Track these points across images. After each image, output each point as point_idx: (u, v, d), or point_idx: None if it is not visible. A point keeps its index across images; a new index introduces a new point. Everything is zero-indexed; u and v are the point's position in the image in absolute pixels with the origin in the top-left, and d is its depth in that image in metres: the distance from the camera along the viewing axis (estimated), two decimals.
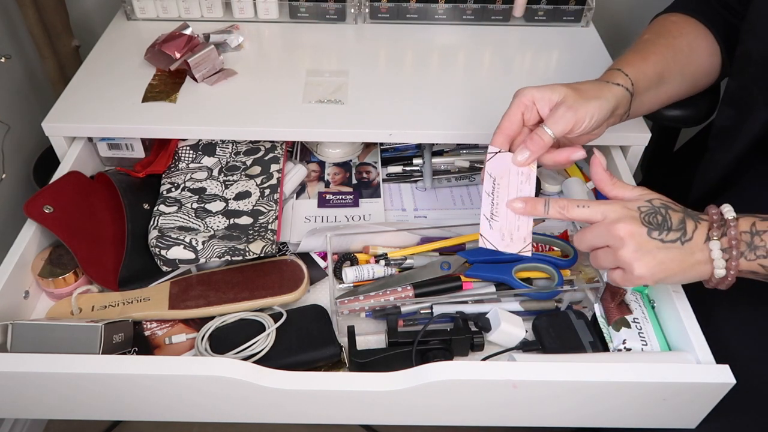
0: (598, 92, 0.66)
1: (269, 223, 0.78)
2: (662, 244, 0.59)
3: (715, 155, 0.80)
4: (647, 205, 0.60)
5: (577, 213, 0.61)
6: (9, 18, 1.14)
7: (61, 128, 0.83)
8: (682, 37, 0.78)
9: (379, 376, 0.60)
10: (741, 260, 0.59)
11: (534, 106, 0.65)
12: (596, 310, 0.71)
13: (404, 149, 0.95)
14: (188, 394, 0.62)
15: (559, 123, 0.63)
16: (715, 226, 0.60)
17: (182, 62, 0.89)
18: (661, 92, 0.76)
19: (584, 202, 0.61)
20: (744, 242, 0.59)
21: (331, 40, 1.01)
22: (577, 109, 0.63)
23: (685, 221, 0.60)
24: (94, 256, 0.74)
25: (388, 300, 0.72)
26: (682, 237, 0.59)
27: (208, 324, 0.71)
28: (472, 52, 0.99)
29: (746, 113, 0.74)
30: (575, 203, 0.61)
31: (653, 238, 0.59)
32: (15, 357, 0.60)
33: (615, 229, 0.59)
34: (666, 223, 0.59)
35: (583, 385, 0.60)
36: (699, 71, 0.79)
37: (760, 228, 0.60)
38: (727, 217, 0.60)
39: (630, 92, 0.69)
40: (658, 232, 0.59)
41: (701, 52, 0.79)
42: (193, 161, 0.87)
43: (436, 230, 0.80)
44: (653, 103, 0.77)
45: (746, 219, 0.60)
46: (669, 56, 0.76)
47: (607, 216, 0.60)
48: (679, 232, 0.59)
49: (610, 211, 0.60)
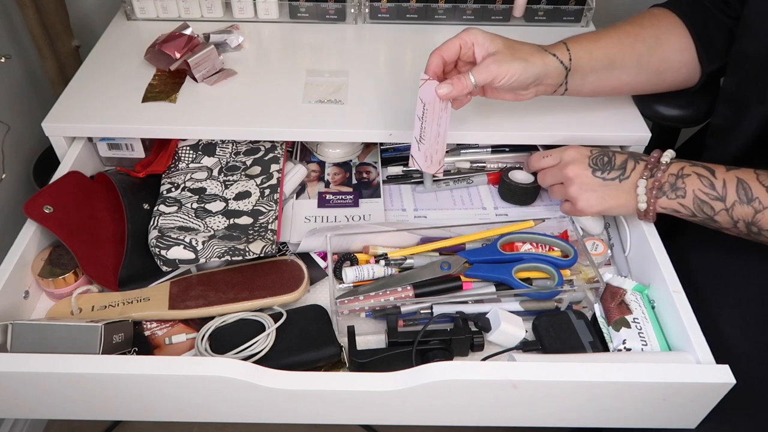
0: (528, 55, 0.71)
1: (269, 223, 0.78)
2: (603, 181, 0.72)
3: (714, 154, 0.80)
4: (596, 148, 0.74)
5: (543, 162, 0.78)
6: (9, 18, 1.14)
7: (61, 128, 0.83)
8: (652, 28, 0.79)
9: (379, 376, 0.60)
10: (663, 198, 0.69)
11: (473, 47, 0.72)
12: (596, 310, 0.71)
13: (404, 149, 0.95)
14: (188, 394, 0.62)
15: (482, 73, 0.70)
16: (648, 167, 0.70)
17: (182, 62, 0.89)
18: (612, 78, 0.79)
19: (547, 152, 0.77)
20: (668, 183, 0.69)
21: (331, 40, 1.01)
22: (501, 64, 0.69)
23: (627, 162, 0.72)
24: (94, 256, 0.74)
25: (388, 300, 0.72)
26: (621, 175, 0.71)
27: (208, 324, 0.71)
28: None
29: (743, 111, 0.74)
30: (540, 154, 0.78)
31: (596, 177, 0.72)
32: (15, 357, 0.60)
33: (565, 171, 0.73)
34: (610, 163, 0.72)
35: (583, 385, 0.60)
36: (664, 65, 0.80)
37: (686, 172, 0.69)
38: (662, 160, 0.70)
39: (566, 67, 0.74)
40: (600, 172, 0.72)
41: (670, 46, 0.79)
42: (193, 161, 0.87)
43: (436, 230, 0.80)
44: (602, 86, 0.79)
45: (678, 164, 0.70)
46: (626, 43, 0.78)
47: (562, 159, 0.75)
48: (619, 171, 0.71)
49: (565, 155, 0.75)
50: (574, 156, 0.73)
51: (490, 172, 0.91)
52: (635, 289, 0.71)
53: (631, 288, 0.71)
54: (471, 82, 0.70)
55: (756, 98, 0.72)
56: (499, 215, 0.86)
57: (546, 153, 0.77)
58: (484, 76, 0.69)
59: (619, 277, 0.74)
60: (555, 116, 0.85)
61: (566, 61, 0.74)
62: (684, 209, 0.69)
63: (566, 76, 0.75)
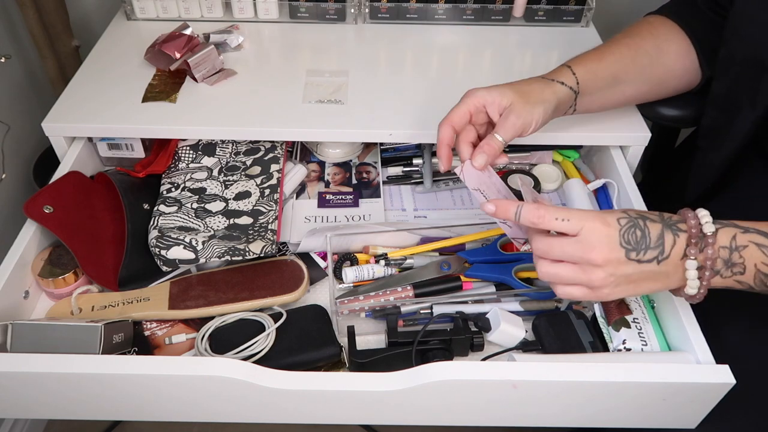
0: (541, 95, 0.69)
1: (269, 223, 0.78)
2: (638, 264, 0.56)
3: (708, 155, 0.80)
4: (625, 217, 0.57)
5: (554, 225, 0.57)
6: (9, 18, 1.14)
7: (61, 128, 0.83)
8: (651, 38, 0.79)
9: (379, 376, 0.60)
10: (717, 278, 0.57)
11: (484, 109, 0.68)
12: (596, 310, 0.71)
13: (404, 149, 0.95)
14: (188, 394, 0.62)
15: (509, 131, 0.66)
16: (693, 242, 0.56)
17: (182, 62, 0.89)
18: (617, 92, 0.78)
19: (564, 214, 0.56)
20: (721, 259, 0.56)
21: (331, 40, 1.01)
22: (522, 116, 0.66)
23: (663, 235, 0.56)
24: (94, 256, 0.74)
25: (388, 300, 0.72)
26: (659, 255, 0.56)
27: (208, 324, 0.71)
28: (472, 52, 0.99)
29: (733, 114, 0.74)
30: (553, 214, 0.56)
31: (630, 260, 0.56)
32: (15, 357, 0.60)
33: (590, 255, 0.55)
34: (645, 240, 0.56)
35: (583, 385, 0.60)
36: (667, 74, 0.80)
37: (740, 243, 0.56)
38: (706, 231, 0.56)
39: (574, 91, 0.72)
40: (635, 253, 0.56)
41: (671, 54, 0.79)
42: (193, 161, 0.87)
43: (436, 230, 0.80)
44: (609, 102, 0.79)
45: (726, 231, 0.57)
46: (628, 57, 0.77)
47: (582, 233, 0.56)
48: (657, 250, 0.56)
49: (587, 229, 0.56)
50: (602, 235, 0.56)
51: None
52: None
53: None
54: (500, 142, 0.66)
55: (746, 101, 0.72)
56: None
57: (560, 213, 0.56)
58: (511, 134, 0.66)
59: None
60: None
61: (574, 86, 0.72)
62: (740, 285, 0.58)
63: (575, 99, 0.73)
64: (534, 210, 0.57)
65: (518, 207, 0.58)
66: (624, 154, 0.86)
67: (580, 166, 0.92)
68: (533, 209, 0.57)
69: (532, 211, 0.57)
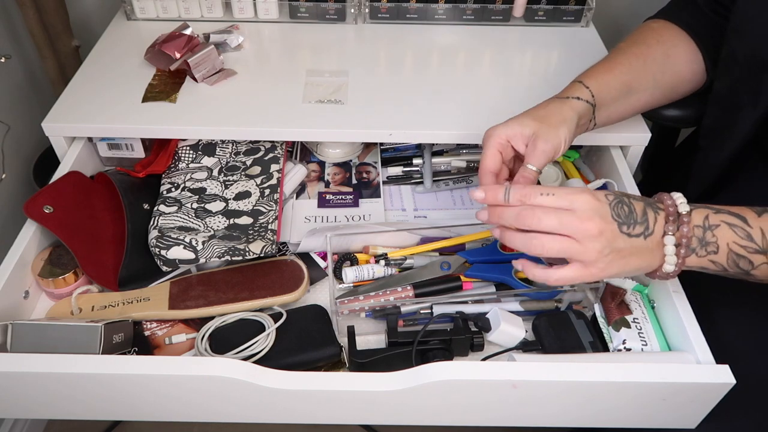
0: (561, 114, 0.68)
1: (269, 223, 0.78)
2: (629, 239, 0.57)
3: (709, 155, 0.80)
4: (611, 193, 0.58)
5: (540, 200, 0.57)
6: (9, 18, 1.14)
7: (61, 128, 0.83)
8: (658, 46, 0.78)
9: (379, 376, 0.60)
10: (692, 257, 0.59)
11: (508, 144, 0.66)
12: (596, 310, 0.71)
13: (404, 149, 0.95)
14: (188, 394, 0.62)
15: (540, 158, 0.65)
16: (670, 219, 0.58)
17: (182, 62, 0.89)
18: (632, 101, 0.77)
19: (549, 189, 0.57)
20: (696, 238, 0.58)
21: (331, 40, 1.01)
22: (552, 141, 0.65)
23: (646, 212, 0.58)
24: (94, 256, 0.74)
25: (388, 300, 0.72)
26: (645, 231, 0.58)
27: (208, 324, 0.71)
28: (472, 52, 0.99)
29: (734, 113, 0.74)
30: (538, 190, 0.57)
31: (622, 233, 0.57)
32: (15, 357, 0.60)
33: (587, 224, 0.55)
34: (633, 215, 0.58)
35: (583, 385, 0.60)
36: (677, 79, 0.79)
37: (712, 222, 0.58)
38: (681, 210, 0.58)
39: (591, 104, 0.71)
40: (626, 226, 0.57)
41: (679, 59, 0.79)
42: (193, 161, 0.87)
43: (436, 230, 0.80)
44: (626, 111, 0.78)
45: (699, 211, 0.59)
46: (638, 66, 0.76)
47: (576, 206, 0.56)
48: (643, 225, 0.58)
49: (580, 201, 0.56)
50: (593, 204, 0.56)
51: None
52: (635, 289, 0.71)
53: (631, 288, 0.71)
54: (534, 172, 0.65)
55: (748, 100, 0.72)
56: None
57: (545, 189, 0.58)
58: (543, 161, 0.65)
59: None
60: None
61: (590, 99, 0.71)
62: (714, 266, 0.60)
63: (594, 112, 0.72)
64: (520, 188, 0.58)
65: (506, 189, 0.59)
66: (624, 154, 0.86)
67: (580, 166, 0.92)
68: (519, 188, 0.58)
69: (519, 190, 0.58)
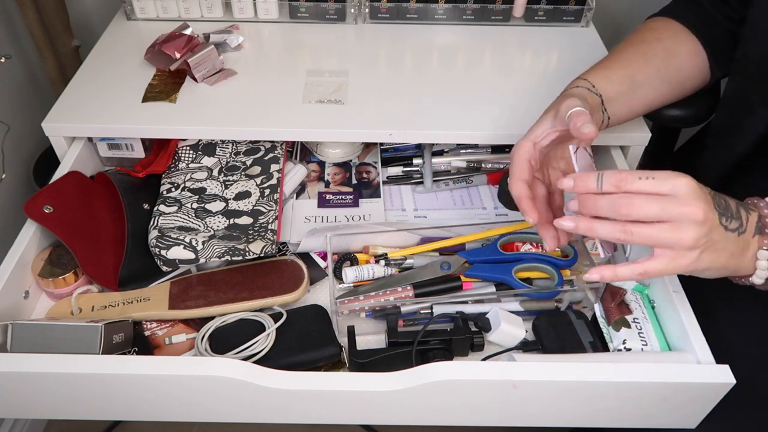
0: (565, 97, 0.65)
1: (269, 223, 0.78)
2: (725, 232, 0.54)
3: (717, 155, 0.80)
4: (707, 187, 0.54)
5: (638, 185, 0.53)
6: (9, 18, 1.14)
7: (61, 128, 0.83)
8: (658, 43, 0.78)
9: (379, 376, 0.60)
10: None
11: (534, 148, 0.65)
12: (596, 310, 0.71)
13: (404, 149, 0.95)
14: (188, 394, 0.62)
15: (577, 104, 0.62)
16: (766, 232, 0.55)
17: (182, 62, 0.89)
18: (640, 96, 0.76)
19: (647, 173, 0.53)
20: None
21: (331, 40, 1.01)
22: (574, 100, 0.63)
23: (739, 209, 0.56)
24: (94, 256, 0.74)
25: (388, 300, 0.72)
26: (740, 227, 0.55)
27: (208, 324, 0.71)
28: (472, 52, 0.99)
29: (745, 114, 0.74)
30: (636, 174, 0.53)
31: (721, 224, 0.54)
32: (15, 357, 0.60)
33: (692, 208, 0.51)
34: (729, 209, 0.54)
35: (583, 385, 0.60)
36: (681, 74, 0.79)
37: None
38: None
39: (595, 93, 0.69)
40: (725, 218, 0.54)
41: (682, 55, 0.78)
42: (193, 161, 0.87)
43: (436, 230, 0.80)
44: (635, 106, 0.76)
45: None
46: (639, 61, 0.76)
47: (678, 191, 0.52)
48: (738, 221, 0.55)
49: (682, 184, 0.52)
50: (698, 190, 0.52)
51: (490, 172, 0.91)
52: (635, 289, 0.71)
53: (631, 288, 0.71)
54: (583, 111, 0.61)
55: (759, 101, 0.72)
56: (499, 215, 0.87)
57: (643, 173, 0.53)
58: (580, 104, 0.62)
59: None
60: None
61: (591, 88, 0.70)
62: None
63: (602, 103, 0.70)
64: (615, 173, 0.54)
65: (599, 176, 0.54)
66: (624, 154, 0.86)
67: None
68: (613, 173, 0.54)
69: (613, 175, 0.54)
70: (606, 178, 0.54)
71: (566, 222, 0.56)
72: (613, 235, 0.54)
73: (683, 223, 0.52)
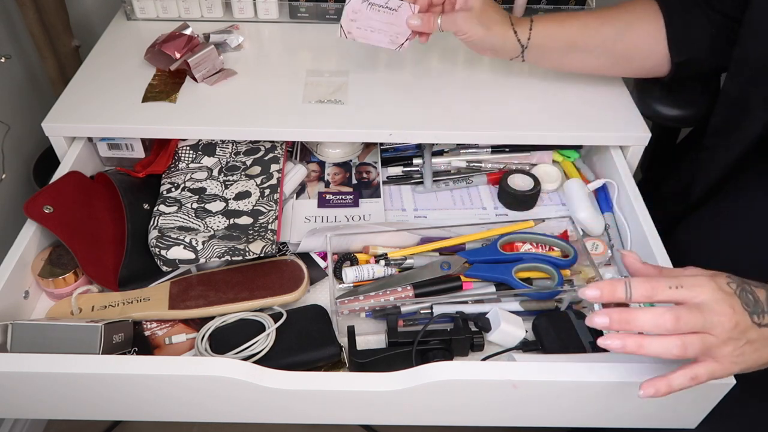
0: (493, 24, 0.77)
1: (269, 223, 0.78)
2: (759, 329, 0.52)
3: (715, 155, 0.80)
4: (732, 280, 0.53)
5: (668, 295, 0.52)
6: (9, 18, 1.14)
7: (61, 128, 0.83)
8: (626, 13, 0.80)
9: (379, 376, 0.60)
10: None
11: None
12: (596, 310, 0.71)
13: (404, 149, 0.95)
14: (188, 394, 0.62)
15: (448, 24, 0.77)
16: None
17: (182, 62, 0.89)
18: (575, 59, 0.82)
19: (674, 280, 0.52)
20: None
21: (331, 40, 1.01)
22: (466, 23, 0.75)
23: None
24: (94, 256, 0.74)
25: (388, 300, 0.72)
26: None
27: (208, 324, 0.71)
28: (472, 52, 0.98)
29: (743, 115, 0.74)
30: (664, 283, 0.52)
31: (754, 323, 0.52)
32: (15, 357, 0.60)
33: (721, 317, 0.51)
34: (759, 304, 0.53)
35: (583, 385, 0.60)
36: (631, 50, 0.81)
37: None
38: None
39: (522, 45, 0.78)
40: (756, 316, 0.52)
41: (640, 32, 0.80)
42: (193, 161, 0.87)
43: (436, 230, 0.80)
44: (563, 64, 0.84)
45: None
46: (592, 27, 0.79)
47: (704, 299, 0.51)
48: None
49: (707, 293, 0.51)
50: (724, 296, 0.52)
51: (490, 172, 0.91)
52: None
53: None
54: (438, 25, 0.77)
55: (758, 102, 0.72)
56: (499, 215, 0.86)
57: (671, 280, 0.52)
58: (448, 27, 0.77)
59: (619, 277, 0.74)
60: (555, 116, 0.85)
61: (524, 40, 0.78)
62: None
63: (522, 53, 0.79)
64: (643, 282, 0.52)
65: (626, 285, 0.52)
66: (624, 154, 0.86)
67: (580, 166, 0.92)
68: (642, 282, 0.52)
69: (643, 284, 0.52)
70: (635, 288, 0.52)
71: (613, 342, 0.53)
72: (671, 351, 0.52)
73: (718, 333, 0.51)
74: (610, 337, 0.53)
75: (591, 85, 0.90)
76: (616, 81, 0.92)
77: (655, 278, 0.53)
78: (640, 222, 0.76)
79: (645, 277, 0.53)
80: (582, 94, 0.89)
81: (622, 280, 0.53)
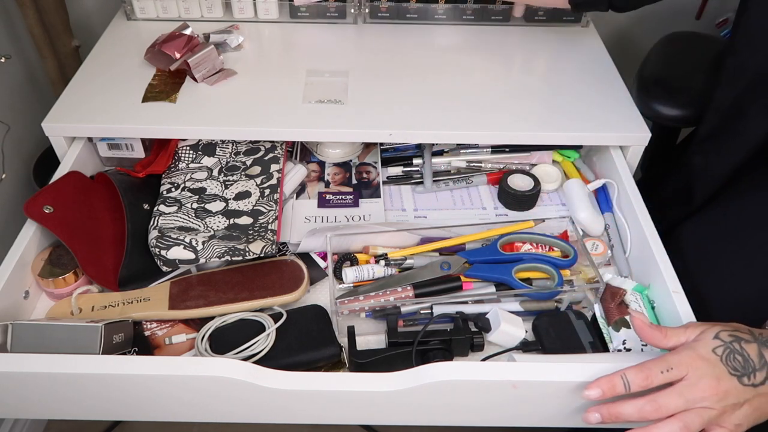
0: None
1: (269, 223, 0.78)
2: (754, 389, 0.54)
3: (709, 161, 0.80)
4: (719, 343, 0.55)
5: (662, 378, 0.55)
6: (9, 18, 1.14)
7: (61, 128, 0.83)
8: None
9: (379, 376, 0.60)
10: None
11: None
12: (596, 311, 0.71)
13: (404, 149, 0.95)
14: (188, 394, 0.62)
15: None
16: None
17: (182, 62, 0.89)
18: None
19: (665, 363, 0.55)
20: None
21: (331, 40, 1.01)
22: None
23: (763, 354, 0.55)
24: (94, 256, 0.74)
25: (388, 300, 0.72)
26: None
27: (208, 324, 0.71)
28: (472, 53, 0.99)
29: (737, 123, 0.74)
30: (657, 368, 0.55)
31: (745, 386, 0.54)
32: (15, 357, 0.60)
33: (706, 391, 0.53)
34: (749, 363, 0.55)
35: (583, 385, 0.60)
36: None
37: None
38: None
39: None
40: (746, 378, 0.54)
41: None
42: (193, 161, 0.87)
43: (436, 230, 0.80)
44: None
45: None
46: None
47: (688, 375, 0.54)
48: (764, 370, 0.55)
49: (690, 368, 0.54)
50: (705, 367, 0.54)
51: (490, 172, 0.91)
52: (635, 289, 0.71)
53: (631, 288, 0.71)
54: None
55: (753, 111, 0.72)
56: (499, 215, 0.87)
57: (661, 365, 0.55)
58: None
59: (619, 277, 0.74)
60: (555, 116, 0.85)
61: None
62: None
63: None
64: (637, 372, 0.55)
65: (623, 378, 0.55)
66: (624, 154, 0.86)
67: (580, 166, 0.92)
68: (636, 371, 0.55)
69: (638, 374, 0.55)
70: (632, 380, 0.55)
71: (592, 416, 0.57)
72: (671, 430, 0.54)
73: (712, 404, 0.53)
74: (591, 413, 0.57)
75: (591, 85, 0.90)
76: (616, 81, 0.92)
77: (648, 365, 0.55)
78: (640, 222, 0.76)
79: (638, 367, 0.55)
80: (582, 94, 0.89)
81: (618, 375, 0.56)
